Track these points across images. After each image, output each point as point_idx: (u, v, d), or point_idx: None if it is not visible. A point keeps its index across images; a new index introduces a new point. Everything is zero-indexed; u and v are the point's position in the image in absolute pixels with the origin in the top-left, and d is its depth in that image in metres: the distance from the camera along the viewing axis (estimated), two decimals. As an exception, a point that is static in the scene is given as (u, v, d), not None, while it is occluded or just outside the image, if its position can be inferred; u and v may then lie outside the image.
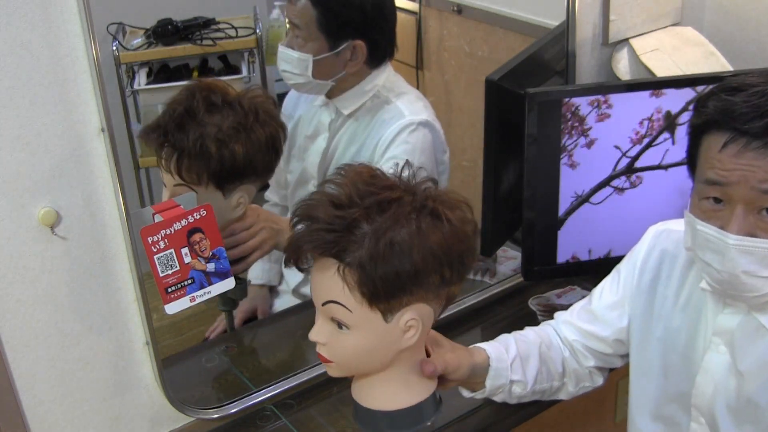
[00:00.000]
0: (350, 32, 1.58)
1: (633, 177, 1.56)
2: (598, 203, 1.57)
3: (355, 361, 1.04)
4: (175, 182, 1.37)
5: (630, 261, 1.26)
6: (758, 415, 1.08)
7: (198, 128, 1.33)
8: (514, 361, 1.22)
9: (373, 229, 0.94)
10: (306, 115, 1.76)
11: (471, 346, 1.21)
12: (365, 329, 0.99)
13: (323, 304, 1.00)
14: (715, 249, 1.01)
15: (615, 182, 1.56)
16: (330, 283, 0.97)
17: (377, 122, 1.64)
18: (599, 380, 1.32)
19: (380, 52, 1.63)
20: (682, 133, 1.54)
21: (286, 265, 1.01)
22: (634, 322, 1.23)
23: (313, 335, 1.03)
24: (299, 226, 0.98)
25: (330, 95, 1.67)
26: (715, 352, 1.12)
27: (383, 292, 0.95)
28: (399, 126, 1.60)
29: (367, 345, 1.00)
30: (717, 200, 1.01)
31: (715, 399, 1.13)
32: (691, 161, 1.07)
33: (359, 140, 1.66)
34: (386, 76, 1.66)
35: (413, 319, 1.00)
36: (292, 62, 1.59)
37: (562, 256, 1.59)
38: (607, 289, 1.29)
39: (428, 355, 1.12)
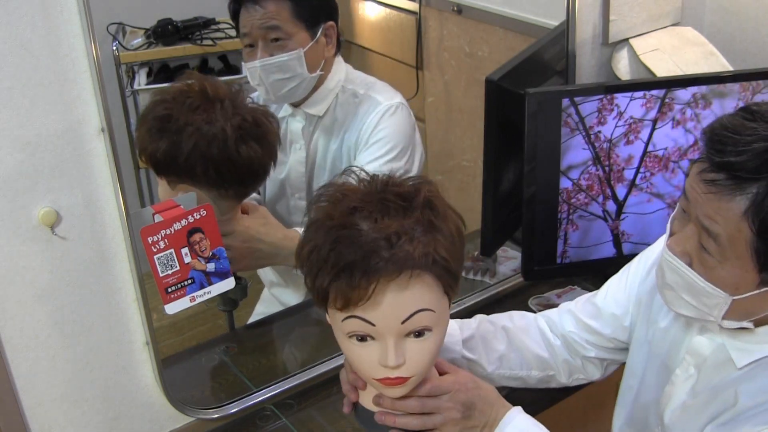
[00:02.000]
0: (322, 13, 1.59)
1: (637, 179, 1.56)
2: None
3: (432, 364, 1.03)
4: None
5: (640, 262, 1.26)
6: None
7: (151, 111, 1.34)
8: (469, 339, 1.22)
9: (436, 222, 0.94)
10: None
11: None
12: (443, 322, 1.00)
13: (405, 321, 0.94)
14: (662, 256, 1.04)
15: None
16: (415, 294, 0.93)
17: (353, 116, 1.65)
18: (595, 373, 1.31)
19: (338, 34, 1.64)
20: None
21: (338, 309, 0.95)
22: (635, 324, 1.23)
23: (395, 359, 0.96)
24: (374, 256, 0.90)
25: (296, 103, 1.67)
26: (685, 370, 1.12)
27: (458, 274, 0.99)
28: (378, 113, 1.61)
29: (442, 338, 1.01)
30: (685, 211, 1.01)
31: (669, 413, 1.13)
32: None
33: (338, 137, 1.66)
34: (345, 71, 1.67)
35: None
36: (282, 67, 1.56)
37: (562, 256, 1.59)
38: (614, 286, 1.28)
39: None
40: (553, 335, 1.30)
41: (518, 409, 1.09)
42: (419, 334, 0.97)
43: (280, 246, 1.50)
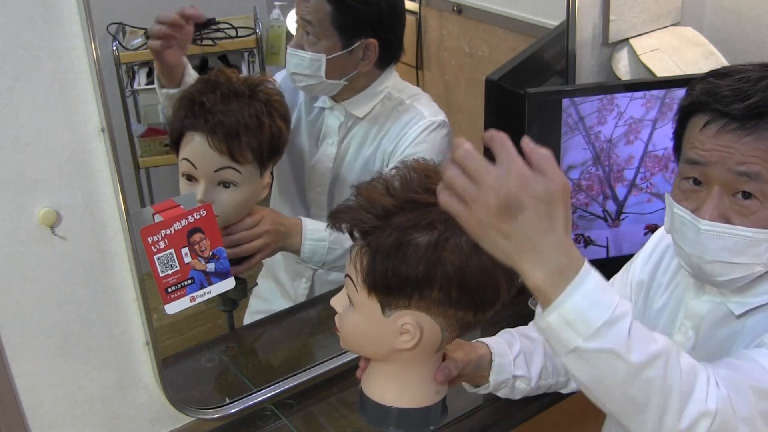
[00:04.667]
0: (364, 30, 1.56)
1: (637, 179, 1.56)
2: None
3: (352, 340, 1.06)
4: (218, 166, 1.37)
5: (640, 253, 1.28)
6: None
7: (249, 105, 1.36)
8: (517, 356, 1.22)
9: (397, 224, 0.95)
10: (305, 117, 1.74)
11: (473, 341, 1.21)
12: (364, 313, 1.01)
13: (345, 276, 1.03)
14: (688, 233, 1.03)
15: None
16: (352, 259, 1.01)
17: (395, 124, 1.63)
18: None
19: (391, 52, 1.62)
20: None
21: (329, 226, 1.04)
22: (635, 311, 1.25)
23: (332, 301, 1.07)
24: (352, 200, 1.01)
25: (338, 98, 1.65)
26: (683, 335, 1.13)
27: (381, 285, 0.97)
28: (421, 126, 1.60)
29: (363, 329, 1.03)
30: (696, 182, 1.03)
31: None
32: (677, 143, 1.09)
33: (374, 142, 1.65)
34: (394, 78, 1.66)
35: (410, 324, 0.99)
36: (303, 63, 1.56)
37: (562, 256, 1.59)
38: (618, 279, 1.30)
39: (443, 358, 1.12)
40: None
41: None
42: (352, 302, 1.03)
43: (292, 229, 1.53)
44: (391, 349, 1.03)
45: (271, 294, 1.81)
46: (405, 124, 1.61)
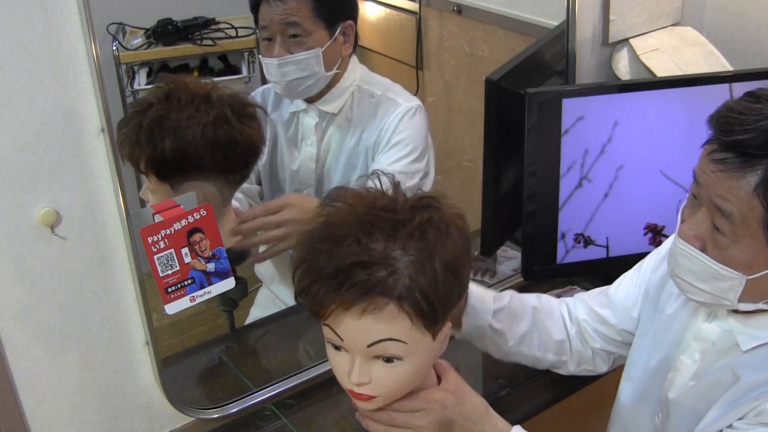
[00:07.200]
0: (342, 13, 1.59)
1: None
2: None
3: (403, 389, 1.00)
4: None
5: (653, 255, 1.27)
6: (696, 418, 1.08)
7: (137, 118, 1.33)
8: (500, 311, 1.22)
9: (421, 255, 0.91)
10: (281, 122, 1.74)
11: None
12: (418, 354, 0.96)
13: (370, 345, 0.93)
14: (674, 244, 1.03)
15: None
16: (382, 322, 0.91)
17: (372, 116, 1.64)
18: (603, 366, 1.32)
19: (356, 34, 1.65)
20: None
21: (310, 317, 0.95)
22: (642, 316, 1.24)
23: (358, 377, 0.95)
24: (334, 278, 0.90)
25: (310, 99, 1.67)
26: (690, 357, 1.12)
27: (441, 313, 0.93)
28: (398, 114, 1.61)
29: (418, 369, 0.98)
30: (695, 197, 1.01)
31: (673, 396, 1.14)
32: None
33: (353, 136, 1.66)
34: (360, 71, 1.68)
35: (446, 327, 0.99)
36: (299, 66, 1.56)
37: (562, 256, 1.59)
38: (628, 278, 1.30)
39: None
40: (570, 323, 1.31)
41: (518, 427, 1.06)
42: (388, 360, 0.95)
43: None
44: (432, 363, 1.04)
45: (272, 303, 1.81)
46: (383, 115, 1.63)
